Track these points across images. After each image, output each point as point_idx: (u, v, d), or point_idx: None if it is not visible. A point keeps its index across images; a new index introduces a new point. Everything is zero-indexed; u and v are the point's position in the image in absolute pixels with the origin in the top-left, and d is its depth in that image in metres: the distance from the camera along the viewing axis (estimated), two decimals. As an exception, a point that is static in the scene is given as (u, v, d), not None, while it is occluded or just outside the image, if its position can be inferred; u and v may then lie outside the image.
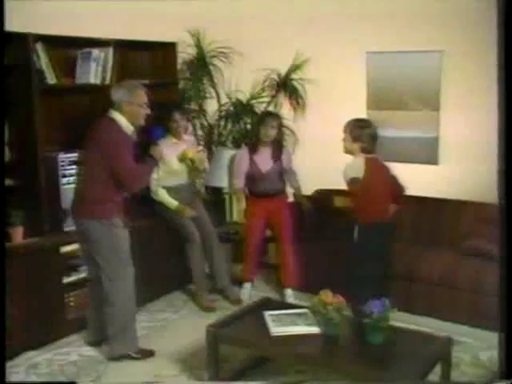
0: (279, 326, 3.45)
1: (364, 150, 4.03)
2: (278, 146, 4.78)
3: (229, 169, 5.12)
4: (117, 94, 3.72)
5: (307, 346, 3.32)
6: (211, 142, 5.63)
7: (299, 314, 3.59)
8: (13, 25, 3.73)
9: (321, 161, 5.25)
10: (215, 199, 5.56)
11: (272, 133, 4.70)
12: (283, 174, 4.83)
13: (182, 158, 4.65)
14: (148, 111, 3.76)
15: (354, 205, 4.08)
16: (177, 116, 4.70)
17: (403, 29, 4.87)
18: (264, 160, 4.77)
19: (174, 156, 4.64)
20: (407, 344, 3.28)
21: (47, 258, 4.10)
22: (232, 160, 5.07)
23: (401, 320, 3.62)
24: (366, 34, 5.00)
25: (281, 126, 4.80)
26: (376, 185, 4.04)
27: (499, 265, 2.44)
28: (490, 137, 2.85)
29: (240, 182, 4.86)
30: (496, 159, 2.38)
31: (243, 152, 4.86)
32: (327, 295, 3.38)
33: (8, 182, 3.98)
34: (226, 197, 5.58)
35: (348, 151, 4.09)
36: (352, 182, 4.00)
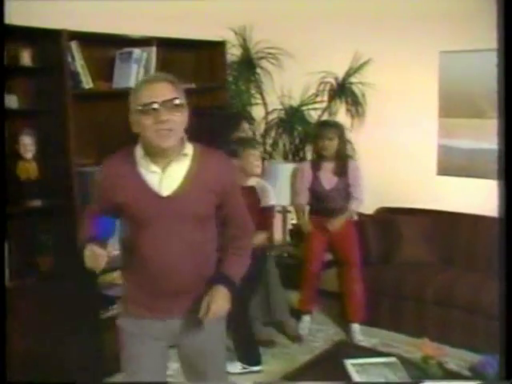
0: (365, 379, 2.89)
1: None
2: (342, 159, 4.20)
3: (291, 184, 4.55)
4: None
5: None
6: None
7: (387, 364, 3.04)
8: (45, 21, 3.35)
9: (382, 175, 4.67)
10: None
11: (331, 145, 4.14)
12: (348, 191, 4.23)
13: None
14: (163, 122, 2.02)
15: None
16: (246, 125, 4.18)
17: (481, 24, 4.27)
18: (328, 176, 4.21)
19: None
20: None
21: (81, 289, 3.56)
22: (293, 174, 4.51)
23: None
24: (439, 32, 4.40)
25: (342, 136, 4.22)
26: None
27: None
28: None
29: (303, 199, 4.31)
30: None
31: (305, 167, 4.33)
32: (426, 345, 2.81)
33: (35, 202, 3.57)
34: (280, 215, 4.99)
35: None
36: None
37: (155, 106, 2.00)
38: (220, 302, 2.12)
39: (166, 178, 2.09)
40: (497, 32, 1.91)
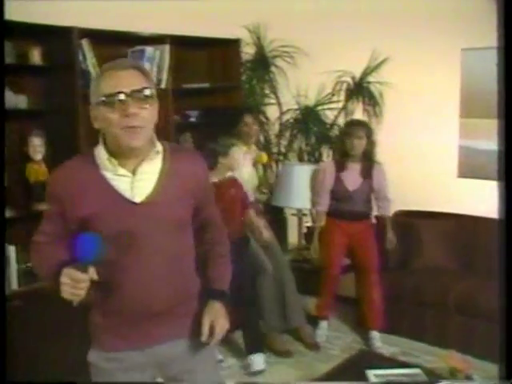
0: (389, 391, 2.77)
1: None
2: (368, 160, 4.07)
3: (311, 185, 4.43)
4: None
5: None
6: (271, 154, 4.93)
7: (411, 376, 2.91)
8: (55, 19, 3.27)
9: (401, 177, 4.52)
10: (276, 220, 4.84)
11: (359, 144, 4.00)
12: (372, 194, 4.10)
13: (257, 162, 4.24)
14: (130, 117, 1.70)
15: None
16: (249, 119, 4.13)
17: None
18: (352, 177, 4.05)
19: (244, 167, 4.05)
20: None
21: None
22: (314, 175, 4.38)
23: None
24: (460, 28, 4.25)
25: (370, 135, 4.08)
26: None
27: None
28: None
29: (324, 202, 4.15)
30: None
31: (328, 167, 4.17)
32: (453, 357, 2.68)
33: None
34: (295, 218, 4.87)
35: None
36: None
37: (122, 96, 1.68)
38: (222, 321, 1.89)
39: (138, 181, 1.78)
40: (497, 30, 1.87)
